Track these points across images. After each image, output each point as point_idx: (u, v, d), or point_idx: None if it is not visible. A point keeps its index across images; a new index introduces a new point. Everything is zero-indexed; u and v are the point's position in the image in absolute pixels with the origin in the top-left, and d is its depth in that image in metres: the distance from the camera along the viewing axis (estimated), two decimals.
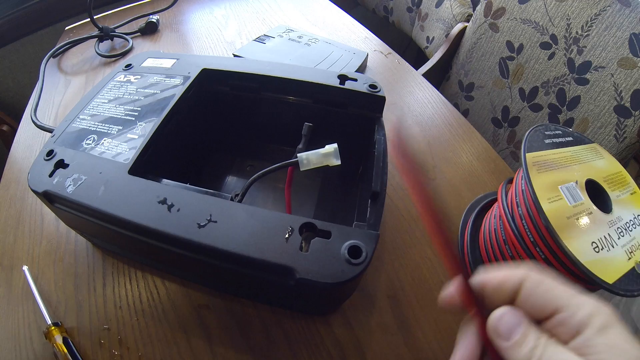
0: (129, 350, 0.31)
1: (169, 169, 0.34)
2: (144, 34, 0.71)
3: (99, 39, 0.67)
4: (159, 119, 0.34)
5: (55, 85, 0.61)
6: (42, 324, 0.33)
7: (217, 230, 0.25)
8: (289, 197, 0.32)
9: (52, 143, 0.33)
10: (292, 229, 0.25)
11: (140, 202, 0.27)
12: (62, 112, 0.56)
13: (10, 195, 0.45)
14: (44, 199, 0.30)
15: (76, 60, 0.66)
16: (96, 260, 0.37)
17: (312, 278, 0.23)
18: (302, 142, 0.32)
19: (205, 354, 0.31)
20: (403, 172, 0.18)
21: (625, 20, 0.56)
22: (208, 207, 0.27)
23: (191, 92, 0.37)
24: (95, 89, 0.38)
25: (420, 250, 0.38)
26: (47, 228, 0.41)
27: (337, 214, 0.40)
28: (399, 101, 0.56)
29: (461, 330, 0.19)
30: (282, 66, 0.39)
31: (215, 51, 0.66)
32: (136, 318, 0.33)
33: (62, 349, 0.30)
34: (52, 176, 0.30)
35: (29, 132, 0.54)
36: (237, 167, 0.45)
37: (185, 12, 0.79)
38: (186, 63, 0.40)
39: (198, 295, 0.35)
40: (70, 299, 0.35)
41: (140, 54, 0.43)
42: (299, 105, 0.39)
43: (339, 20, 0.74)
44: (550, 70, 0.68)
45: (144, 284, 0.35)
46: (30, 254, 0.39)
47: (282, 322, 0.33)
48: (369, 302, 0.34)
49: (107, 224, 0.28)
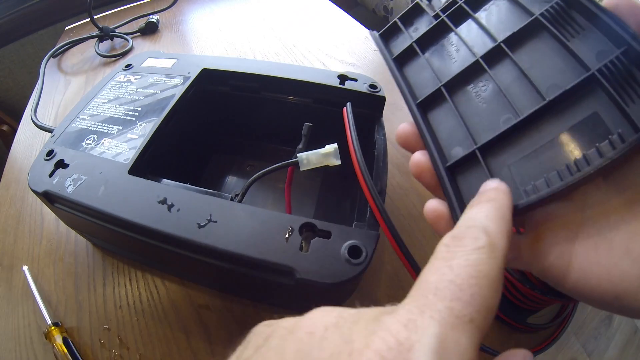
0: (129, 350, 0.31)
1: (169, 169, 0.34)
2: (144, 34, 0.71)
3: (99, 39, 0.67)
4: (159, 119, 0.34)
5: (55, 85, 0.61)
6: (42, 324, 0.33)
7: (217, 230, 0.25)
8: (289, 197, 0.32)
9: (52, 143, 0.33)
10: (292, 229, 0.25)
11: (140, 202, 0.27)
12: (62, 112, 0.56)
13: (10, 195, 0.45)
14: (44, 199, 0.30)
15: (76, 60, 0.67)
16: (96, 260, 0.37)
17: (312, 278, 0.23)
18: (302, 142, 0.32)
19: (205, 354, 0.31)
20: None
21: None
22: (208, 207, 0.27)
23: (191, 92, 0.37)
24: (95, 89, 0.38)
25: (420, 250, 0.38)
26: (47, 228, 0.41)
27: (337, 214, 0.40)
28: (399, 101, 0.56)
29: None
30: (282, 66, 0.39)
31: (215, 51, 0.66)
32: (136, 318, 0.33)
33: (62, 349, 0.30)
34: (52, 176, 0.30)
35: (29, 132, 0.54)
36: (237, 167, 0.45)
37: (185, 12, 0.79)
38: (186, 63, 0.40)
39: (198, 295, 0.35)
40: (70, 299, 0.35)
41: (140, 54, 0.43)
42: (299, 105, 0.39)
43: (339, 20, 0.74)
44: None
45: (144, 284, 0.35)
46: (30, 254, 0.39)
47: None
48: (369, 302, 0.34)
49: (107, 224, 0.28)
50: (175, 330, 0.32)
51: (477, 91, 0.21)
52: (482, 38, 0.22)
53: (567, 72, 0.17)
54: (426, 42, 0.25)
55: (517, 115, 0.18)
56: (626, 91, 0.15)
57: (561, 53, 0.18)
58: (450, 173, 0.20)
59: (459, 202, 0.19)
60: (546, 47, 0.19)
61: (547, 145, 0.17)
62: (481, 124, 0.20)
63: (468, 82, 0.22)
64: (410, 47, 0.25)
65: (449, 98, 0.22)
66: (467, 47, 0.22)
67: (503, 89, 0.20)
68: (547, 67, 0.18)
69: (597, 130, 0.16)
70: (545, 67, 0.18)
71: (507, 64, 0.20)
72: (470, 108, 0.21)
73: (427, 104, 0.23)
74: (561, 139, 0.17)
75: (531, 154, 0.18)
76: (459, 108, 0.21)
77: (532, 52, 0.19)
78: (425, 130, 0.22)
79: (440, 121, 0.22)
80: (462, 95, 0.22)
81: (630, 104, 0.15)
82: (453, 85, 0.22)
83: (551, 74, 0.18)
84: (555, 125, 0.17)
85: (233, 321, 0.33)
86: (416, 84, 0.24)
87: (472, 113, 0.21)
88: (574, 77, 0.17)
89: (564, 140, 0.17)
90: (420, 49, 0.25)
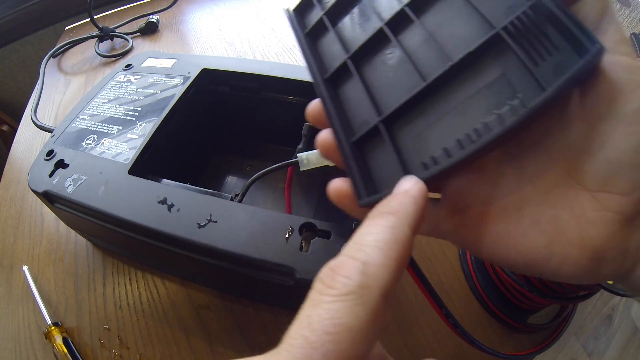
0: (129, 350, 0.31)
1: (169, 169, 0.34)
2: (144, 34, 0.71)
3: (99, 39, 0.67)
4: (159, 119, 0.34)
5: (55, 85, 0.61)
6: (42, 324, 0.33)
7: (217, 230, 0.25)
8: (289, 197, 0.32)
9: (52, 143, 0.33)
10: (292, 229, 0.25)
11: (140, 202, 0.27)
12: (62, 112, 0.56)
13: (10, 195, 0.45)
14: (44, 199, 0.30)
15: (76, 60, 0.67)
16: (96, 260, 0.37)
17: (312, 278, 0.23)
18: (302, 142, 0.32)
19: (205, 354, 0.31)
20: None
21: (625, 20, 0.56)
22: (208, 207, 0.27)
23: (191, 92, 0.37)
24: (95, 89, 0.38)
25: (420, 250, 0.38)
26: (47, 228, 0.41)
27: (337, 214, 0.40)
28: None
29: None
30: (282, 66, 0.39)
31: (215, 51, 0.66)
32: (136, 318, 0.33)
33: (62, 349, 0.30)
34: (52, 176, 0.30)
35: (29, 132, 0.54)
36: (237, 167, 0.45)
37: (185, 12, 0.79)
38: (186, 63, 0.40)
39: (198, 295, 0.35)
40: (70, 299, 0.35)
41: (140, 54, 0.43)
42: (299, 105, 0.39)
43: None
44: None
45: (144, 284, 0.35)
46: (30, 254, 0.39)
47: (282, 322, 0.33)
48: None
49: (107, 224, 0.28)
50: (175, 330, 0.32)
51: (384, 60, 0.20)
52: (390, 3, 0.20)
53: (476, 32, 0.16)
54: (337, 13, 0.23)
55: (423, 81, 0.17)
56: (536, 49, 0.14)
57: (470, 11, 0.17)
58: (358, 149, 0.19)
59: (364, 179, 0.18)
60: (455, 7, 0.17)
61: (453, 111, 0.16)
62: (389, 94, 0.19)
63: (375, 51, 0.20)
64: (321, 20, 0.23)
65: (354, 70, 0.20)
66: (375, 14, 0.21)
67: (410, 55, 0.18)
68: (456, 28, 0.17)
69: (504, 93, 0.15)
70: (455, 29, 0.17)
71: (414, 28, 0.19)
72: (378, 79, 0.20)
73: (336, 79, 0.22)
74: (468, 104, 0.16)
75: (437, 122, 0.16)
76: (367, 80, 0.20)
77: (440, 13, 0.18)
78: (330, 106, 0.20)
79: (350, 96, 0.21)
80: (370, 66, 0.20)
81: (541, 62, 0.14)
82: (360, 57, 0.21)
83: (461, 35, 0.17)
84: (462, 90, 0.16)
85: (233, 321, 0.33)
86: (328, 59, 0.23)
87: (380, 84, 0.19)
88: (482, 37, 0.15)
89: (470, 106, 0.16)
90: (331, 21, 0.23)
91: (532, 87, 0.14)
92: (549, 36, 0.14)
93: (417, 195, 0.14)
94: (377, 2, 0.21)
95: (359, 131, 0.19)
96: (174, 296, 0.35)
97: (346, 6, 0.23)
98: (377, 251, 0.13)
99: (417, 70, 0.18)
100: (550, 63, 0.14)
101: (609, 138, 0.14)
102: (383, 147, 0.18)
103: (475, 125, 0.15)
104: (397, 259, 0.13)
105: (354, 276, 0.12)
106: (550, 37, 0.14)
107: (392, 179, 0.17)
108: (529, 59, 0.14)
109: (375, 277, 0.12)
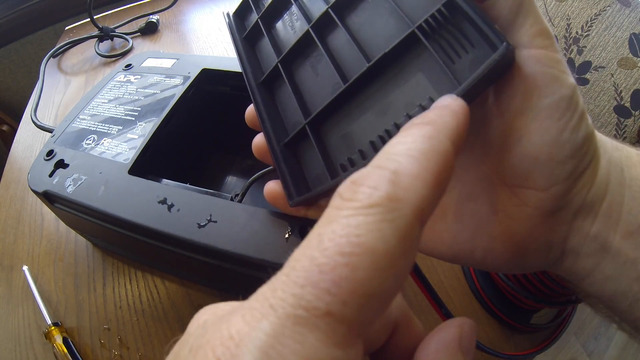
0: (129, 350, 0.31)
1: (169, 169, 0.34)
2: (144, 34, 0.71)
3: (99, 39, 0.67)
4: (159, 119, 0.34)
5: (55, 85, 0.61)
6: (42, 324, 0.33)
7: (217, 230, 0.25)
8: None
9: (52, 143, 0.33)
10: (292, 229, 0.25)
11: (140, 202, 0.27)
12: (62, 112, 0.56)
13: (10, 195, 0.45)
14: (44, 199, 0.30)
15: (76, 60, 0.66)
16: (96, 260, 0.37)
17: None
18: None
19: None
20: None
21: (625, 20, 0.56)
22: (208, 207, 0.27)
23: (191, 92, 0.37)
24: (95, 89, 0.38)
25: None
26: (47, 228, 0.41)
27: None
28: None
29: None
30: None
31: (215, 51, 0.66)
32: (136, 318, 0.33)
33: (62, 349, 0.30)
34: (52, 176, 0.30)
35: (29, 132, 0.54)
36: (237, 167, 0.45)
37: (185, 12, 0.79)
38: (186, 63, 0.40)
39: (198, 295, 0.35)
40: (70, 299, 0.35)
41: (140, 54, 0.43)
42: None
43: None
44: None
45: (144, 284, 0.35)
46: (30, 254, 0.39)
47: None
48: None
49: (107, 224, 0.28)
50: (175, 330, 0.32)
51: (313, 62, 0.20)
52: (318, 4, 0.20)
53: (396, 32, 0.16)
54: (271, 16, 0.23)
55: (344, 82, 0.17)
56: (452, 47, 0.14)
57: (392, 10, 0.16)
58: (291, 151, 0.19)
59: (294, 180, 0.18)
60: (378, 7, 0.17)
61: (374, 112, 0.16)
62: (316, 96, 0.19)
63: (305, 54, 0.20)
64: (257, 24, 0.23)
65: (284, 74, 0.20)
66: (304, 17, 0.21)
67: (335, 56, 0.18)
68: (378, 27, 0.17)
69: (421, 94, 0.14)
70: (377, 29, 0.17)
71: (339, 30, 0.19)
72: (307, 81, 0.20)
73: (270, 83, 0.22)
74: (386, 105, 0.16)
75: (358, 123, 0.16)
76: (297, 82, 0.20)
77: (363, 13, 0.18)
78: (262, 110, 0.20)
79: (283, 99, 0.21)
80: (301, 68, 0.20)
81: (457, 60, 0.14)
82: (291, 59, 0.21)
83: (382, 35, 0.17)
84: (383, 90, 0.16)
85: None
86: (264, 63, 0.23)
87: (309, 86, 0.20)
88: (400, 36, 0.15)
89: (390, 107, 0.15)
90: (266, 25, 0.23)
91: (447, 85, 0.14)
92: (466, 34, 0.14)
93: (457, 110, 0.11)
94: (307, 4, 0.21)
95: (291, 133, 0.20)
96: (174, 296, 0.35)
97: (280, 9, 0.23)
98: (411, 160, 0.10)
99: (338, 72, 0.18)
100: (466, 60, 0.14)
101: (525, 134, 0.14)
102: (311, 149, 0.18)
103: (387, 127, 0.15)
104: (435, 173, 0.10)
105: (382, 186, 0.09)
106: (468, 35, 0.14)
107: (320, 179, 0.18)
108: (445, 56, 0.14)
109: (409, 189, 0.09)
